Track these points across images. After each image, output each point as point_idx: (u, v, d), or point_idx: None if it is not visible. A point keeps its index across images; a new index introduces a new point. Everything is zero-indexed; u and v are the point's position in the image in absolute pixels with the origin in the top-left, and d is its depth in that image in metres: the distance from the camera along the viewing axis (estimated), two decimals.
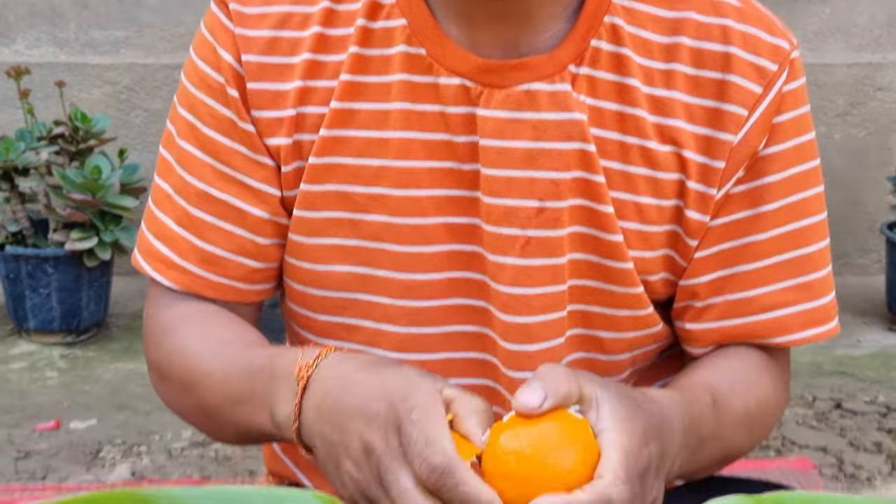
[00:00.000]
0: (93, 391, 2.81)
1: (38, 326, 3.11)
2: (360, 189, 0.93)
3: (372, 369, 0.82)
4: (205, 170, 0.95)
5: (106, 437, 2.56)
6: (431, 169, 0.92)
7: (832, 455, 2.49)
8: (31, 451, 2.48)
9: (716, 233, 0.95)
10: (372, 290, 0.96)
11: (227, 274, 0.97)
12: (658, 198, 0.93)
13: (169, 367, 0.96)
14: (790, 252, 0.96)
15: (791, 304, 0.96)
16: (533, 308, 0.94)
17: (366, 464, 0.77)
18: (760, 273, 0.96)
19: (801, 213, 0.96)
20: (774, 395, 0.99)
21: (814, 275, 0.97)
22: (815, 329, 0.97)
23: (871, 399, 2.78)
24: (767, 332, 0.97)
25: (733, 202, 0.94)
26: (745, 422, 0.95)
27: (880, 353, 3.10)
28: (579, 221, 0.93)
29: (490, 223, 0.92)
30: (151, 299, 1.01)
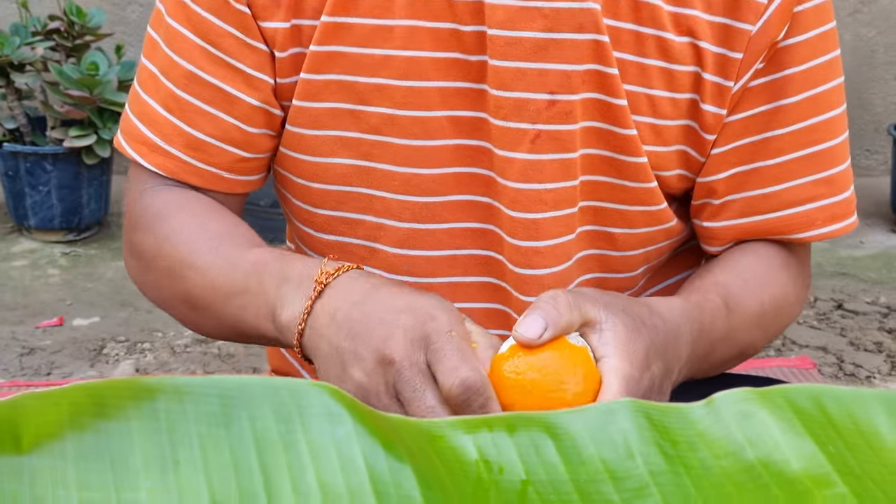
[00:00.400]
0: (95, 289, 2.81)
1: (39, 224, 3.10)
2: (363, 79, 0.91)
3: (397, 286, 0.81)
4: (194, 51, 0.92)
5: (109, 334, 2.57)
6: (437, 59, 0.90)
7: (832, 354, 2.50)
8: (35, 348, 2.50)
9: (735, 128, 0.93)
10: (373, 184, 0.94)
11: (213, 161, 0.94)
12: (672, 91, 0.91)
13: (157, 252, 0.94)
14: (812, 146, 0.94)
15: (814, 200, 0.95)
16: (544, 204, 0.92)
17: (379, 374, 0.77)
18: (781, 168, 0.94)
19: (822, 106, 0.93)
20: (793, 291, 0.98)
21: (835, 169, 0.95)
22: (837, 224, 0.96)
23: (873, 300, 2.79)
24: (789, 228, 0.95)
25: (753, 96, 0.92)
26: (759, 321, 0.94)
27: (882, 254, 3.09)
28: (592, 116, 0.91)
29: (498, 117, 0.90)
30: (136, 183, 0.98)
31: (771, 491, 0.65)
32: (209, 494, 0.61)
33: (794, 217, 0.95)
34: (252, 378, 0.67)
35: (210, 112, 0.93)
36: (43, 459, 0.61)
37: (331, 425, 0.66)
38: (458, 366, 0.74)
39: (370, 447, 0.65)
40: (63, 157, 3.03)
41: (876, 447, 0.69)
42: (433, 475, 0.65)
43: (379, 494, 0.62)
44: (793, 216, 0.95)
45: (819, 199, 0.95)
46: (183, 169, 0.94)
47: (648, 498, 0.65)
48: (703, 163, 0.95)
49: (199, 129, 0.93)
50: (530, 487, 0.65)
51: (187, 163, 0.94)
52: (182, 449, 0.63)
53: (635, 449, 0.68)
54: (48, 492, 0.60)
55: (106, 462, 0.62)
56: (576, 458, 0.68)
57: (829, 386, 0.73)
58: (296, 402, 0.66)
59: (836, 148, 0.95)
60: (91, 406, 0.63)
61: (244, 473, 0.63)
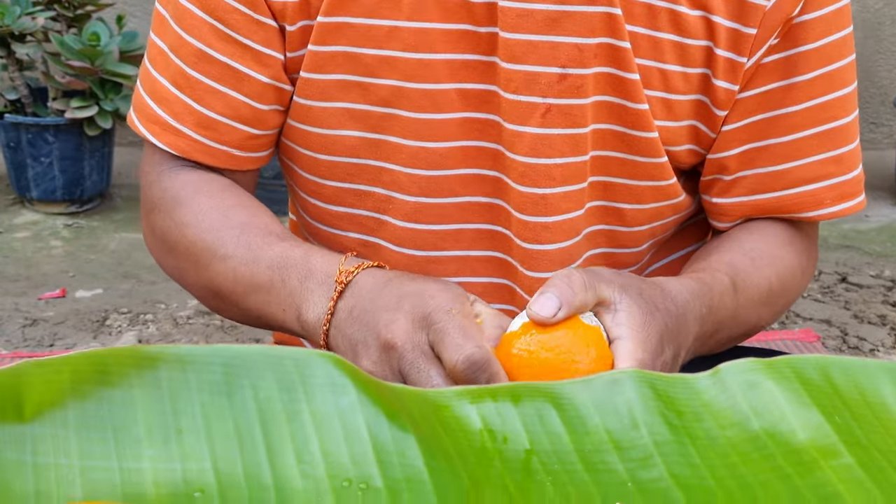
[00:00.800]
0: (98, 260, 2.81)
1: (41, 196, 3.10)
2: (370, 51, 0.90)
3: (407, 275, 0.81)
4: (203, 28, 0.92)
5: (112, 305, 2.57)
6: (446, 31, 0.88)
7: (836, 327, 2.50)
8: (38, 319, 2.50)
9: (747, 104, 0.92)
10: (382, 156, 0.93)
11: (224, 140, 0.94)
12: (685, 65, 0.90)
13: (180, 239, 0.94)
14: (823, 125, 0.93)
15: (823, 179, 0.94)
16: (552, 179, 0.91)
17: (385, 360, 0.77)
18: (793, 146, 0.93)
19: (835, 84, 0.92)
20: (799, 268, 0.97)
21: (845, 148, 0.94)
22: (846, 203, 0.96)
23: (877, 273, 2.78)
24: (799, 206, 0.95)
25: (766, 72, 0.91)
26: (766, 298, 0.94)
27: (887, 228, 3.09)
28: (604, 90, 0.90)
29: (509, 90, 0.89)
30: (152, 165, 0.98)
31: (777, 461, 0.64)
32: (212, 463, 0.61)
33: (803, 195, 0.94)
34: (255, 347, 0.67)
35: (220, 90, 0.93)
36: (45, 428, 0.61)
37: (334, 395, 0.65)
38: (462, 343, 0.73)
39: (374, 417, 0.65)
40: (65, 129, 3.02)
41: (882, 418, 0.68)
42: (437, 445, 0.65)
43: (382, 464, 0.62)
44: (802, 194, 0.94)
45: (828, 178, 0.94)
46: (194, 148, 0.94)
47: (653, 468, 0.64)
48: (713, 138, 0.94)
49: (209, 107, 0.93)
50: (534, 457, 0.65)
51: (198, 142, 0.94)
52: (185, 418, 0.63)
53: (640, 419, 0.68)
54: (50, 461, 0.60)
55: (108, 431, 0.62)
56: (580, 428, 0.68)
57: (836, 356, 0.73)
58: (299, 371, 0.66)
59: (847, 126, 0.94)
60: (93, 374, 0.63)
61: (247, 442, 0.63)
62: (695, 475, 0.65)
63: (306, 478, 0.62)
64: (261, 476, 0.61)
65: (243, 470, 0.62)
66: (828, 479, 0.63)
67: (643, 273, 1.06)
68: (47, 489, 0.59)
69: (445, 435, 0.66)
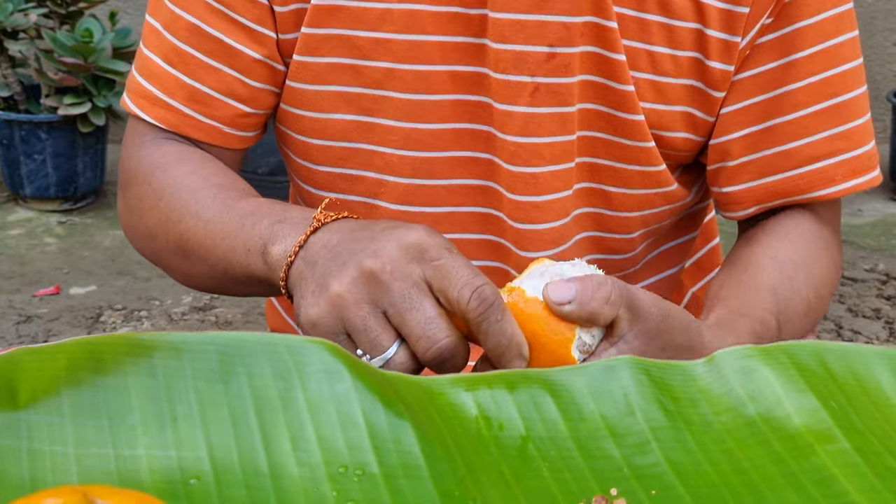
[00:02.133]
0: (92, 257, 2.81)
1: (35, 193, 3.09)
2: (363, 33, 0.90)
3: (394, 221, 0.77)
4: (197, 5, 0.92)
5: (106, 302, 2.57)
6: (436, 13, 0.89)
7: (831, 321, 2.50)
8: (32, 316, 2.49)
9: (745, 86, 0.92)
10: (374, 139, 0.93)
11: (214, 115, 0.94)
12: (673, 48, 0.90)
13: (155, 203, 0.92)
14: (827, 100, 0.92)
15: (833, 155, 0.93)
16: (542, 157, 0.91)
17: (362, 285, 0.71)
18: (798, 124, 0.92)
19: (836, 59, 0.92)
20: (835, 273, 0.96)
21: (853, 123, 0.93)
22: (858, 179, 0.94)
23: (871, 267, 2.79)
24: (810, 185, 0.93)
25: (762, 52, 0.91)
26: (805, 314, 0.92)
27: (881, 222, 3.09)
28: (590, 69, 0.90)
29: (498, 70, 0.89)
30: (135, 137, 0.96)
31: (772, 446, 0.64)
32: (208, 450, 0.61)
33: (813, 174, 0.93)
34: (250, 334, 0.67)
35: (212, 65, 0.92)
36: (40, 415, 0.61)
37: (330, 382, 0.65)
38: (472, 279, 0.69)
39: (369, 403, 0.65)
40: (58, 126, 3.01)
41: (878, 403, 0.68)
42: (433, 431, 0.64)
43: (378, 450, 0.62)
44: (812, 173, 0.93)
45: (837, 154, 0.93)
46: (183, 122, 0.94)
47: (649, 454, 0.64)
48: (711, 123, 0.94)
49: (201, 81, 0.93)
50: (530, 444, 0.65)
51: (188, 115, 0.93)
52: (180, 405, 0.63)
53: (636, 405, 0.68)
54: (45, 448, 0.60)
55: (103, 418, 0.61)
56: (576, 414, 0.68)
57: (832, 342, 0.73)
58: (294, 358, 0.66)
59: (853, 101, 0.93)
60: (88, 361, 0.63)
61: (243, 430, 0.63)
62: (691, 461, 0.65)
63: (302, 465, 0.62)
64: (256, 463, 0.61)
65: (239, 457, 0.61)
66: (823, 463, 0.63)
67: (638, 264, 1.05)
68: (42, 476, 0.58)
69: (441, 422, 0.66)
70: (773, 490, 0.62)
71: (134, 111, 0.95)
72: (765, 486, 0.62)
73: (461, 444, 0.64)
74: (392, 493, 0.60)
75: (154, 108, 0.94)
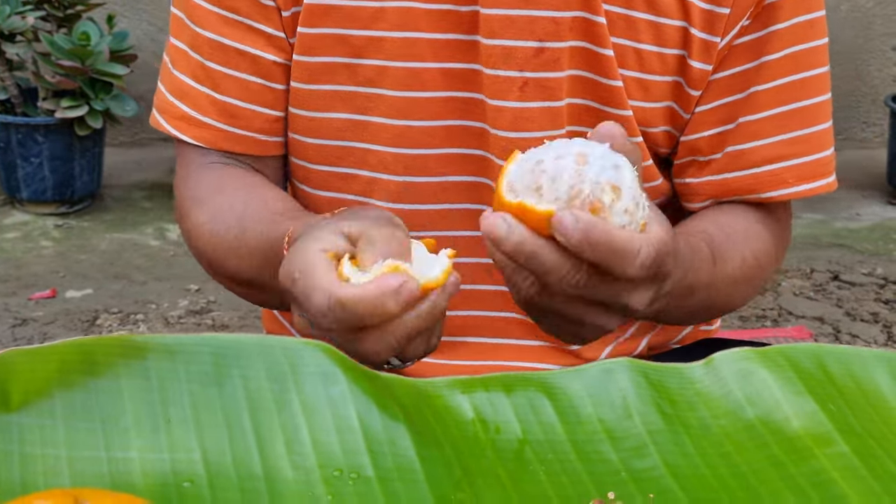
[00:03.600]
0: (88, 261, 2.80)
1: (32, 196, 3.09)
2: (357, 32, 0.90)
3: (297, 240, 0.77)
4: (212, 19, 0.94)
5: (102, 305, 2.56)
6: (429, 10, 0.89)
7: (829, 325, 2.50)
8: (27, 319, 2.49)
9: (719, 86, 0.92)
10: (367, 138, 0.94)
11: (247, 126, 0.96)
12: (660, 45, 0.90)
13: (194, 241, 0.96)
14: (790, 104, 0.93)
15: (787, 158, 0.94)
16: None
17: None
18: (759, 125, 0.93)
19: (802, 65, 0.93)
20: (774, 249, 0.97)
21: (812, 128, 0.94)
22: (811, 184, 0.95)
23: (869, 271, 2.78)
24: (762, 186, 0.95)
25: (738, 54, 0.92)
26: (741, 273, 0.92)
27: (879, 226, 3.09)
28: (578, 64, 0.90)
29: (488, 66, 0.89)
30: (182, 166, 0.99)
31: (771, 449, 0.64)
32: (201, 453, 0.61)
33: (766, 175, 0.94)
34: (245, 336, 0.66)
35: (235, 76, 0.94)
36: (32, 418, 0.60)
37: (325, 384, 0.65)
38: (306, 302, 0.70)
39: (365, 406, 0.64)
40: (55, 129, 3.00)
41: (877, 406, 0.68)
42: (429, 435, 0.64)
43: (373, 453, 0.62)
44: (765, 174, 0.94)
45: (791, 158, 0.94)
46: (220, 137, 0.96)
47: (647, 457, 0.64)
48: (686, 120, 0.94)
49: (228, 94, 0.95)
50: (527, 447, 0.64)
51: (223, 130, 0.95)
52: (174, 408, 0.62)
53: (633, 409, 0.67)
54: (38, 451, 0.59)
55: (96, 421, 0.61)
56: (573, 417, 0.67)
57: (830, 345, 0.72)
58: (289, 360, 0.65)
59: (815, 107, 0.94)
60: (81, 364, 0.62)
61: (237, 432, 0.62)
62: (689, 464, 0.64)
63: (296, 468, 0.61)
64: (251, 466, 0.61)
65: (233, 460, 0.61)
66: (822, 466, 0.63)
67: None
68: (34, 479, 0.58)
69: (437, 425, 0.65)
70: (772, 493, 0.62)
71: (172, 133, 0.97)
72: (763, 489, 0.62)
73: (457, 447, 0.64)
74: (387, 497, 0.60)
75: (191, 128, 0.96)
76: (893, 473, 0.63)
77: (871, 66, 3.63)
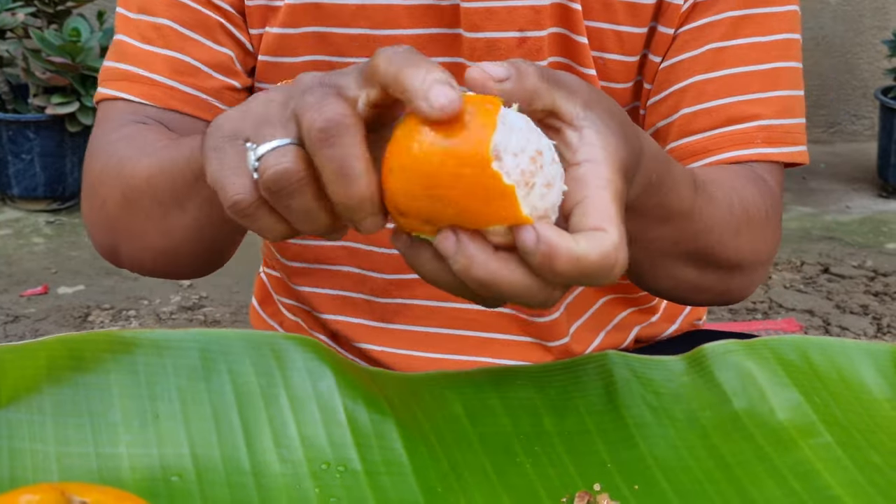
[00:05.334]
0: (80, 257, 2.80)
1: (23, 193, 3.08)
2: (339, 30, 0.90)
3: None
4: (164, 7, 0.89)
5: (94, 301, 2.56)
6: (410, 6, 0.89)
7: (819, 317, 2.51)
8: (19, 315, 2.48)
9: (677, 43, 0.88)
10: None
11: (202, 86, 0.89)
12: (637, 25, 0.89)
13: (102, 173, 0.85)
14: (759, 64, 0.88)
15: (754, 118, 0.88)
16: None
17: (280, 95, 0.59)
18: (722, 82, 0.88)
19: (765, 28, 0.88)
20: (763, 205, 0.86)
21: (783, 91, 0.89)
22: (782, 148, 0.89)
23: (859, 263, 2.79)
24: (730, 143, 0.88)
25: (698, 10, 0.88)
26: (728, 218, 0.81)
27: (869, 219, 3.10)
28: (557, 51, 0.90)
29: (473, 59, 0.89)
30: (100, 124, 0.90)
31: (756, 441, 0.64)
32: (189, 448, 0.61)
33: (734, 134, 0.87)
34: (232, 331, 0.67)
35: (193, 37, 0.89)
36: (21, 413, 0.60)
37: (312, 379, 0.65)
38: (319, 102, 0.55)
39: (352, 401, 0.64)
40: (46, 125, 2.99)
41: (861, 397, 0.68)
42: (416, 428, 0.64)
43: (361, 447, 0.62)
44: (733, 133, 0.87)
45: (759, 119, 0.88)
46: (170, 95, 0.89)
47: (633, 449, 0.64)
48: (648, 91, 0.90)
49: (184, 52, 0.89)
50: (514, 439, 0.65)
51: (175, 88, 0.89)
52: (162, 403, 0.63)
53: (619, 401, 0.68)
54: (26, 446, 0.59)
55: (84, 416, 0.61)
56: (560, 410, 0.68)
57: (815, 337, 0.73)
58: (277, 356, 0.66)
59: (787, 70, 0.89)
60: (69, 360, 0.63)
61: (225, 427, 0.62)
62: (674, 456, 0.65)
63: (284, 462, 0.61)
64: (239, 460, 0.61)
65: (221, 454, 0.61)
66: (806, 457, 0.64)
67: None
68: (23, 475, 0.58)
69: (424, 418, 0.66)
70: (756, 485, 0.62)
71: (113, 95, 0.89)
72: (748, 480, 0.62)
73: (444, 440, 0.64)
74: (375, 490, 0.60)
75: (137, 85, 0.89)
76: (877, 464, 0.63)
77: (862, 59, 3.64)
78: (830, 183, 3.34)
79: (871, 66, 3.62)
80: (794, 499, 0.61)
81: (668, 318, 1.05)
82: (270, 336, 0.67)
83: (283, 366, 0.66)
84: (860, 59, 3.64)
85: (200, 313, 2.50)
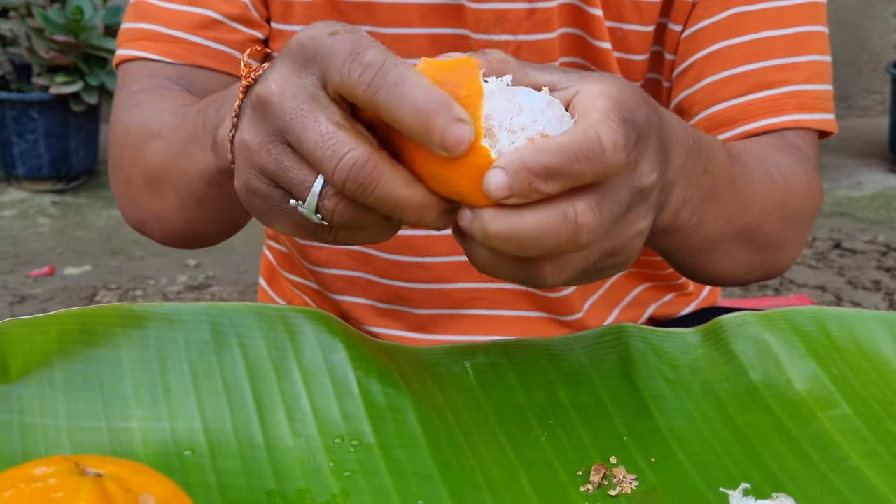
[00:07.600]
0: (86, 237, 2.80)
1: (28, 173, 3.08)
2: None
3: None
4: None
5: (101, 281, 2.56)
6: None
7: (831, 293, 2.50)
8: (26, 296, 2.48)
9: (698, 9, 0.87)
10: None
11: (225, 40, 0.88)
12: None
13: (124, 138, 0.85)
14: (783, 28, 0.86)
15: (783, 84, 0.86)
16: None
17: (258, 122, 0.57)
18: (749, 48, 0.86)
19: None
20: (804, 178, 0.83)
21: (809, 56, 0.87)
22: (813, 114, 0.86)
23: (871, 239, 2.78)
24: (761, 111, 0.85)
25: None
26: (769, 186, 0.78)
27: (881, 194, 3.08)
28: (568, 22, 0.88)
29: (478, 30, 0.88)
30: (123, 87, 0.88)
31: (773, 412, 0.64)
32: (201, 422, 0.60)
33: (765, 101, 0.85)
34: (243, 304, 0.66)
35: None
36: (32, 388, 0.60)
37: (324, 352, 0.64)
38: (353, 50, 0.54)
39: (365, 373, 0.64)
40: (50, 105, 2.99)
41: (879, 368, 0.68)
42: (430, 400, 0.64)
43: (374, 420, 0.61)
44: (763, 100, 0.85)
45: (788, 85, 0.85)
46: (193, 51, 0.87)
47: (649, 421, 0.64)
48: (671, 62, 0.89)
49: (205, 6, 0.87)
50: (529, 411, 0.64)
51: (198, 44, 0.88)
52: (173, 377, 0.62)
53: (635, 373, 0.67)
54: (37, 421, 0.59)
55: (96, 390, 0.61)
56: (575, 382, 0.67)
57: (832, 308, 0.72)
58: (288, 328, 0.65)
59: (811, 35, 0.87)
60: (80, 333, 0.62)
61: (237, 401, 0.62)
62: (691, 428, 0.64)
63: (297, 436, 0.61)
64: (251, 434, 0.61)
65: (233, 429, 0.61)
66: (825, 429, 0.63)
67: None
68: (35, 449, 0.58)
69: (438, 391, 0.65)
70: (774, 456, 0.61)
71: (134, 55, 0.88)
72: (766, 452, 0.62)
73: (458, 413, 0.64)
74: (389, 463, 0.59)
75: (159, 44, 0.87)
76: (895, 434, 0.63)
77: (873, 33, 3.61)
78: (841, 158, 3.32)
79: (882, 40, 3.60)
80: (812, 470, 0.60)
81: (684, 299, 1.04)
82: (281, 309, 0.66)
83: (295, 339, 0.65)
84: (871, 33, 3.61)
85: (207, 293, 2.50)
